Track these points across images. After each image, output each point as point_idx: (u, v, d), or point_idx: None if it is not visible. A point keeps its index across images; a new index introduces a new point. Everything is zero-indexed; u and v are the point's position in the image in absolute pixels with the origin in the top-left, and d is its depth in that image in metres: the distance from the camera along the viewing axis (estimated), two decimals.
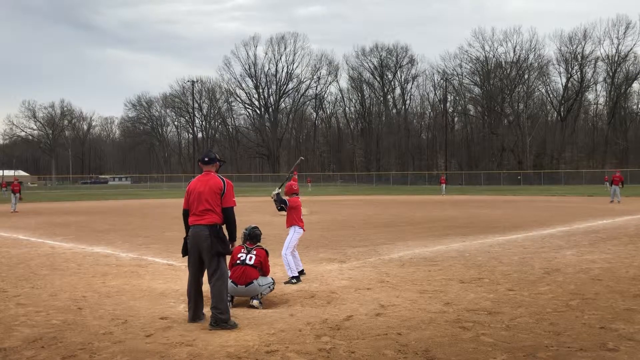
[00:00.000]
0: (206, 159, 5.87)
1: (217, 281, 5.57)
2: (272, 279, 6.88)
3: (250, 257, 6.67)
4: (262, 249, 6.90)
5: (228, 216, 5.69)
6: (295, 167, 8.53)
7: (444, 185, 45.17)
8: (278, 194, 8.12)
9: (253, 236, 6.99)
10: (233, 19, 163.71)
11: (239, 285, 6.47)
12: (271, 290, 6.77)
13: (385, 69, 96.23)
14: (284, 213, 8.39)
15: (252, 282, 6.51)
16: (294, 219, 8.22)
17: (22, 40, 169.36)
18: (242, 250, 6.75)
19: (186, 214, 5.84)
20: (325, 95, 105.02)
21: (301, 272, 8.14)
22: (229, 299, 6.46)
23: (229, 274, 6.29)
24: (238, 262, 6.63)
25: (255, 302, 6.45)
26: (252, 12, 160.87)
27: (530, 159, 79.72)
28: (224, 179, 5.80)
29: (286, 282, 7.78)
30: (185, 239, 5.79)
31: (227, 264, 6.08)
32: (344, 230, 15.67)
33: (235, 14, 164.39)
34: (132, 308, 6.34)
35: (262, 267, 6.71)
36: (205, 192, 5.67)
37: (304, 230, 8.31)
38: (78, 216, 22.91)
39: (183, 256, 5.83)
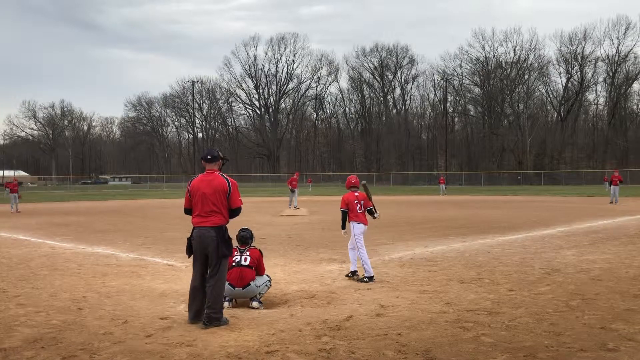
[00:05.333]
0: (209, 157, 5.73)
1: (216, 282, 5.57)
2: (268, 276, 6.91)
3: (245, 258, 6.64)
4: (255, 248, 6.86)
5: (235, 215, 5.73)
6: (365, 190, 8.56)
7: (443, 186, 45.26)
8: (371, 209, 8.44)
9: (239, 239, 6.91)
10: (237, 18, 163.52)
11: (236, 288, 6.45)
12: (269, 288, 6.79)
13: (385, 69, 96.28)
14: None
15: (250, 285, 6.51)
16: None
17: (22, 40, 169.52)
18: (235, 252, 6.65)
19: (188, 212, 5.79)
20: (325, 96, 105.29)
21: (354, 273, 8.16)
22: (229, 301, 6.48)
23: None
24: (233, 264, 6.54)
25: (255, 304, 6.44)
26: (256, 11, 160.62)
27: (530, 159, 79.73)
28: (229, 178, 5.70)
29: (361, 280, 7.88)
30: (189, 239, 5.74)
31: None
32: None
33: (239, 14, 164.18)
34: (132, 308, 6.33)
35: (257, 267, 6.70)
36: (210, 193, 5.58)
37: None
38: (78, 216, 22.90)
39: (188, 257, 5.79)
